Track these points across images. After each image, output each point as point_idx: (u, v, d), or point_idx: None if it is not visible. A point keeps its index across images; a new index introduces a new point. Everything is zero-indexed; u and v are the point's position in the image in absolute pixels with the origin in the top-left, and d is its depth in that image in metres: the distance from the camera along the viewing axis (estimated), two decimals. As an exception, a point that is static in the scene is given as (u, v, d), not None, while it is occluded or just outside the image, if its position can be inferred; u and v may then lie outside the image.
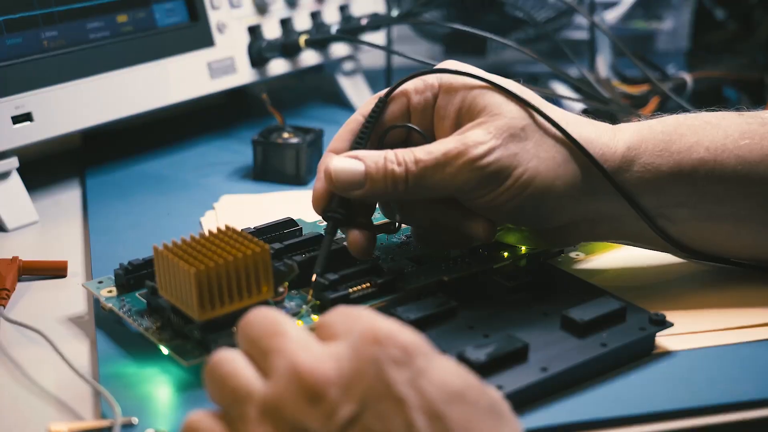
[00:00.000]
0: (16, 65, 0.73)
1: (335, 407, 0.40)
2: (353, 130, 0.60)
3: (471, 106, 0.57)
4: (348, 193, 0.58)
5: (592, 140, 0.58)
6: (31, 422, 0.50)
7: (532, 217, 0.59)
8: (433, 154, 0.56)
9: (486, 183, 0.56)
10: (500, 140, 0.56)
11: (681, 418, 0.51)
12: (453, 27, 0.89)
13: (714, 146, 0.59)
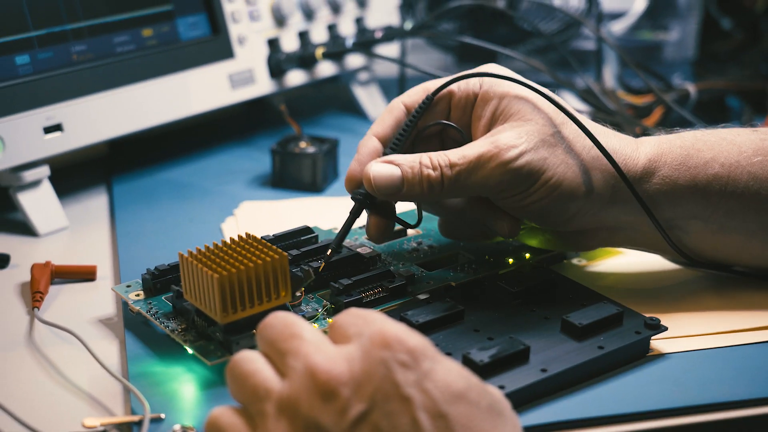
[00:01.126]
0: (47, 78, 0.76)
1: (347, 405, 0.43)
2: (396, 117, 0.63)
3: (506, 110, 0.61)
4: (386, 196, 0.61)
5: (616, 151, 0.62)
6: (66, 417, 0.54)
7: (556, 219, 0.62)
8: (468, 158, 0.59)
9: (516, 184, 0.59)
10: (531, 144, 0.59)
11: (672, 417, 0.55)
12: (463, 40, 0.92)
13: (729, 162, 0.62)
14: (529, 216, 0.62)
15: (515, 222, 0.63)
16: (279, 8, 0.92)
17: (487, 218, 0.63)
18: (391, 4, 1.02)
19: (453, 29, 1.05)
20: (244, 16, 0.90)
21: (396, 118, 0.63)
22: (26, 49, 0.76)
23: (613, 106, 0.91)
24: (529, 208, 0.61)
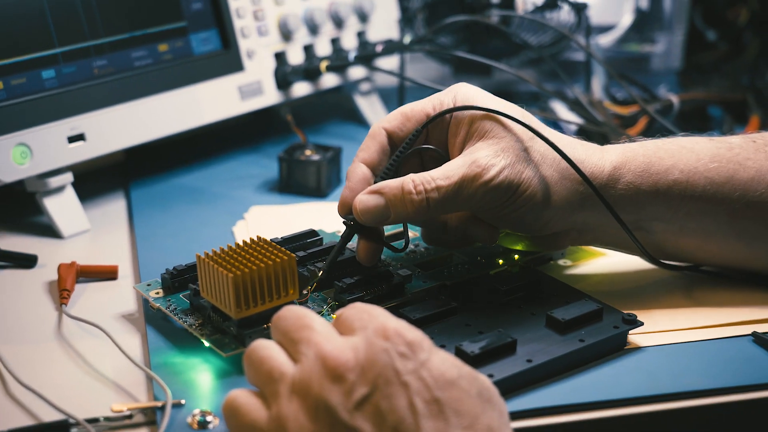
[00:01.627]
0: (71, 91, 0.82)
1: (352, 388, 0.49)
2: (379, 142, 0.67)
3: (479, 128, 0.65)
4: (375, 225, 0.66)
5: (583, 160, 0.67)
6: (94, 404, 0.59)
7: (531, 225, 0.67)
8: (452, 179, 0.64)
9: (496, 198, 0.64)
10: (508, 161, 0.64)
11: (646, 404, 0.60)
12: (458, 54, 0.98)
13: (687, 168, 0.67)
14: (507, 224, 0.67)
15: (494, 230, 0.68)
16: (285, 23, 0.97)
17: (468, 228, 0.68)
18: (391, 18, 1.07)
19: (450, 42, 1.10)
20: (253, 32, 0.95)
21: (379, 143, 0.68)
22: (52, 64, 0.81)
23: (601, 117, 0.97)
24: (507, 217, 0.66)
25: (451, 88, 0.68)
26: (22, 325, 0.68)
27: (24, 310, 0.71)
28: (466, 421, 0.49)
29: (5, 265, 0.77)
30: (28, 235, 0.82)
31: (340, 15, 1.01)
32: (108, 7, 0.84)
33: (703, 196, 0.67)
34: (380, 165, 0.68)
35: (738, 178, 0.67)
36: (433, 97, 0.68)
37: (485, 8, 1.07)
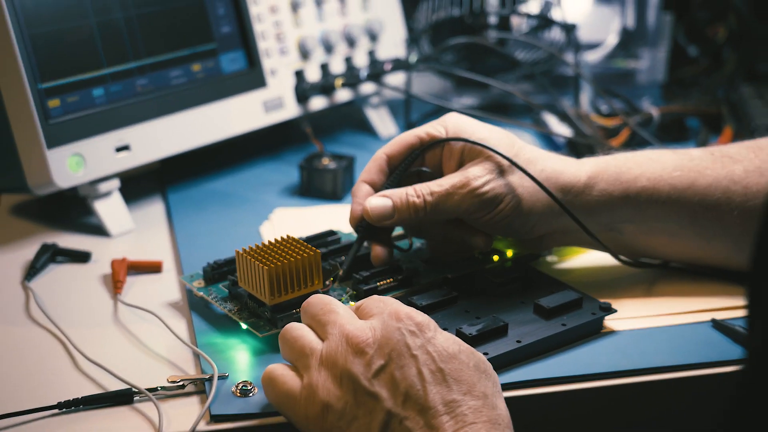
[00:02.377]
0: (118, 108, 0.92)
1: (371, 360, 0.59)
2: (380, 165, 0.79)
3: (471, 152, 0.76)
4: (382, 223, 0.76)
5: (562, 171, 0.77)
6: (152, 376, 0.69)
7: (518, 230, 0.78)
8: (444, 186, 0.75)
9: (484, 207, 0.75)
10: (494, 174, 0.75)
11: (618, 378, 0.70)
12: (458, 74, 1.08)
13: (653, 177, 0.78)
14: (498, 230, 0.77)
15: (489, 237, 0.78)
16: (304, 44, 1.07)
17: (464, 236, 0.78)
18: (399, 38, 1.18)
19: (452, 59, 1.21)
20: (275, 52, 1.06)
21: (380, 166, 0.79)
22: (101, 83, 0.91)
23: (587, 129, 1.07)
24: (497, 224, 0.76)
25: (443, 118, 0.79)
26: (83, 312, 0.79)
27: (83, 299, 0.81)
28: (465, 387, 0.60)
29: (63, 260, 0.87)
30: (80, 234, 0.92)
31: (353, 36, 1.12)
32: (149, 32, 0.95)
33: (668, 200, 0.77)
34: (380, 184, 0.78)
35: (698, 184, 0.77)
36: (428, 126, 0.78)
37: (484, 28, 1.18)
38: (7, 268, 0.86)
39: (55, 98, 0.88)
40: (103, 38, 0.91)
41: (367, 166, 0.79)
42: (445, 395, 0.59)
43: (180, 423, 0.64)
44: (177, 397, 0.67)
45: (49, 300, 0.80)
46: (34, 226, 0.94)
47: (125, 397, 0.66)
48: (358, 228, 0.78)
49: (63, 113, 0.88)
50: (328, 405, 0.60)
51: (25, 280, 0.83)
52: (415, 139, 0.78)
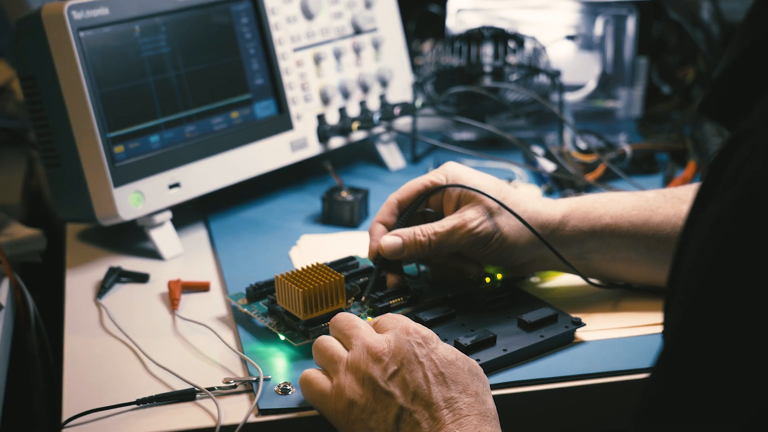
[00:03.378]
0: (171, 151, 1.07)
1: (387, 366, 0.74)
2: (391, 209, 0.93)
3: (466, 196, 0.91)
4: (394, 257, 0.91)
5: (540, 211, 0.92)
6: (208, 378, 0.84)
7: (505, 260, 0.92)
8: (446, 227, 0.89)
9: (478, 243, 0.90)
10: (486, 216, 0.89)
11: (586, 379, 0.84)
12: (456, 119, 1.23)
13: (615, 215, 0.92)
14: (488, 260, 0.92)
15: (480, 266, 0.93)
16: (325, 92, 1.22)
17: (461, 264, 0.93)
18: (406, 83, 1.32)
19: (453, 102, 1.35)
20: (300, 100, 1.20)
21: (391, 209, 0.93)
22: (156, 131, 1.06)
23: (568, 165, 1.22)
24: (489, 256, 0.91)
25: (443, 167, 0.93)
26: (147, 324, 0.94)
27: (146, 314, 0.96)
28: (461, 387, 0.74)
29: (127, 281, 1.02)
30: (138, 258, 1.07)
31: (367, 83, 1.27)
32: (196, 87, 1.10)
33: (627, 234, 0.92)
34: (392, 224, 0.93)
35: (652, 221, 0.91)
36: (431, 174, 0.93)
37: (480, 75, 1.32)
38: (81, 288, 1.00)
39: (120, 145, 1.03)
40: (158, 93, 1.06)
41: (381, 209, 0.94)
42: (445, 393, 0.73)
43: (234, 416, 0.79)
44: (230, 395, 0.82)
45: (118, 314, 0.95)
46: (98, 250, 1.09)
47: (189, 394, 0.81)
48: (375, 260, 0.92)
49: (126, 157, 1.03)
50: (353, 401, 0.74)
51: (97, 298, 0.98)
52: (421, 186, 0.93)
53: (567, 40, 1.44)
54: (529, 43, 1.34)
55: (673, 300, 0.53)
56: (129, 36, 1.04)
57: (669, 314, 0.55)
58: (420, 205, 0.93)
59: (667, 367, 0.50)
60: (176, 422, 0.78)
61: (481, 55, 1.33)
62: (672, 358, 0.50)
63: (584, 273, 0.94)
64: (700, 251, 0.47)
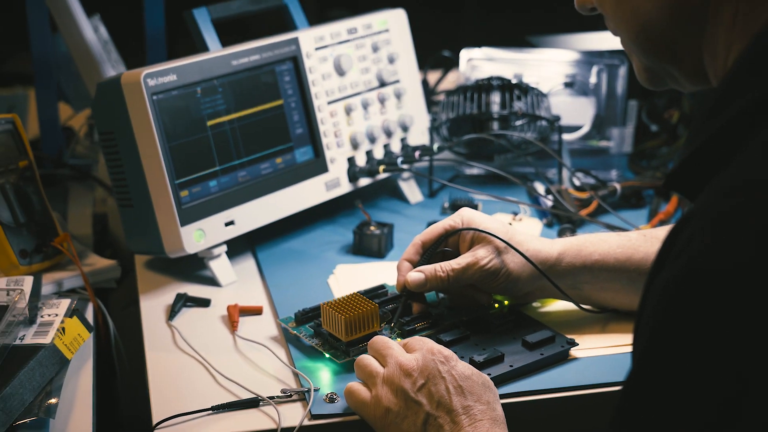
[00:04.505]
0: (226, 194, 1.24)
1: (416, 380, 0.91)
2: (416, 248, 1.10)
3: (478, 237, 1.07)
4: (418, 290, 1.08)
5: (540, 250, 1.08)
6: (268, 389, 1.00)
7: (510, 291, 1.09)
8: (461, 265, 1.06)
9: (488, 277, 1.06)
10: (494, 254, 1.06)
11: (578, 390, 1.01)
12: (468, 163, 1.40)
13: (603, 252, 1.09)
14: (497, 291, 1.08)
15: (490, 295, 1.09)
16: (354, 138, 1.39)
17: (474, 294, 1.09)
18: (424, 127, 1.49)
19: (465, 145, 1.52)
20: (334, 145, 1.37)
21: (416, 249, 1.10)
22: (214, 177, 1.23)
23: (565, 202, 1.38)
24: (497, 287, 1.07)
25: (459, 212, 1.10)
26: (213, 343, 1.10)
27: (211, 334, 1.12)
28: (475, 397, 0.91)
29: (192, 305, 1.19)
30: (198, 284, 1.24)
31: (390, 129, 1.43)
32: (247, 138, 1.27)
33: (613, 269, 1.08)
34: (416, 262, 1.09)
35: (634, 258, 1.08)
36: (449, 219, 1.10)
37: (489, 121, 1.49)
38: (154, 311, 1.17)
39: (185, 189, 1.20)
40: (216, 145, 1.23)
41: (407, 249, 1.11)
42: (463, 402, 0.90)
43: (291, 420, 0.96)
44: (287, 402, 0.99)
45: (187, 334, 1.12)
46: (165, 278, 1.26)
47: (254, 402, 0.98)
48: (402, 292, 1.09)
49: (190, 200, 1.20)
50: (389, 409, 0.91)
51: (169, 320, 1.15)
52: (442, 229, 1.10)
53: (565, 87, 1.61)
54: (531, 92, 1.50)
55: (638, 330, 0.68)
56: (192, 97, 1.21)
57: (636, 341, 0.70)
58: (440, 246, 1.10)
59: (632, 386, 0.66)
60: (245, 425, 0.95)
61: (490, 103, 1.49)
62: (636, 379, 0.66)
63: (577, 300, 1.11)
64: (654, 305, 0.63)
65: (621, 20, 0.77)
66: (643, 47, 0.77)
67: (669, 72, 0.78)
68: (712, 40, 0.72)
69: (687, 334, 0.60)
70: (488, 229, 1.07)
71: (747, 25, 0.70)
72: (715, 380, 0.58)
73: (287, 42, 1.32)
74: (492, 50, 1.64)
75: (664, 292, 0.62)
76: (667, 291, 0.62)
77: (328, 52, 1.37)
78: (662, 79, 0.80)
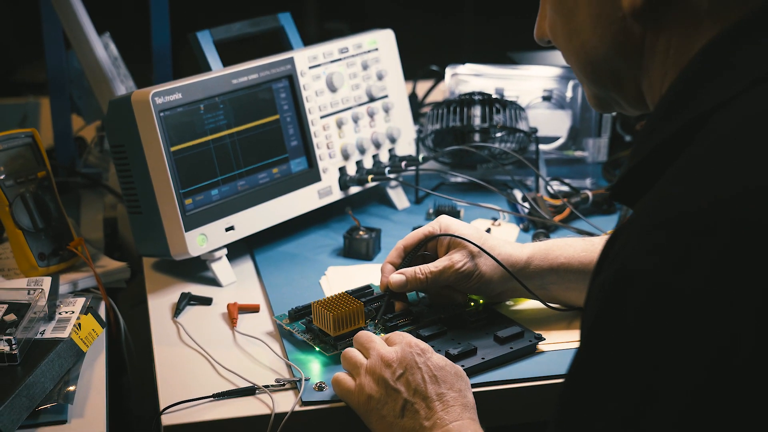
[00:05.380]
0: (227, 202, 1.34)
1: (395, 370, 1.01)
2: (399, 252, 1.20)
3: (454, 241, 1.18)
4: (400, 290, 1.18)
5: (511, 254, 1.18)
6: (263, 378, 1.10)
7: (483, 291, 1.19)
8: (438, 268, 1.16)
9: (463, 279, 1.16)
10: (468, 258, 1.16)
11: (544, 380, 1.11)
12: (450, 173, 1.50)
13: (568, 256, 1.19)
14: (471, 291, 1.18)
15: (465, 294, 1.19)
16: (345, 149, 1.49)
17: (451, 294, 1.20)
18: (411, 139, 1.59)
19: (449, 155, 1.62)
20: (326, 156, 1.47)
21: (398, 252, 1.20)
22: (216, 186, 1.33)
23: (540, 209, 1.48)
24: (471, 288, 1.17)
25: (438, 219, 1.20)
26: (215, 338, 1.20)
27: (213, 329, 1.23)
28: (449, 385, 1.01)
29: (195, 303, 1.29)
30: (201, 284, 1.34)
31: (379, 140, 1.54)
32: (246, 150, 1.37)
33: (578, 270, 1.18)
34: (399, 264, 1.19)
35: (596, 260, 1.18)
36: (428, 226, 1.20)
37: (471, 133, 1.59)
38: (160, 309, 1.28)
39: (189, 198, 1.30)
40: (217, 157, 1.33)
41: (391, 252, 1.21)
42: (437, 390, 1.00)
43: (284, 406, 1.06)
44: (280, 390, 1.09)
45: (191, 330, 1.22)
46: (170, 278, 1.36)
47: (251, 390, 1.08)
48: (385, 292, 1.19)
49: (194, 208, 1.30)
50: (371, 396, 1.01)
51: (174, 317, 1.25)
52: (422, 235, 1.20)
53: (543, 100, 1.71)
54: (510, 106, 1.60)
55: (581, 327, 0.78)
56: (196, 113, 1.31)
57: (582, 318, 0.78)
58: (420, 250, 1.20)
59: (570, 376, 0.74)
60: (243, 411, 1.05)
61: (471, 117, 1.59)
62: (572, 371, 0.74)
63: (545, 299, 1.21)
64: (591, 305, 0.73)
65: (571, 53, 0.87)
66: (590, 77, 0.87)
67: (614, 98, 0.88)
68: (649, 69, 0.82)
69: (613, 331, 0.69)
70: (463, 235, 1.18)
71: (678, 58, 0.79)
72: (634, 375, 0.66)
73: (283, 62, 1.42)
74: (475, 66, 1.74)
75: (599, 293, 0.72)
76: (601, 292, 0.71)
77: (321, 70, 1.47)
78: (609, 105, 0.90)
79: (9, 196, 1.27)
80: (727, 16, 0.76)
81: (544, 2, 0.89)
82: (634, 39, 0.81)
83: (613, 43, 0.82)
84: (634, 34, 0.81)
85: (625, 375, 0.67)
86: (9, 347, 1.04)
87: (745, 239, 0.64)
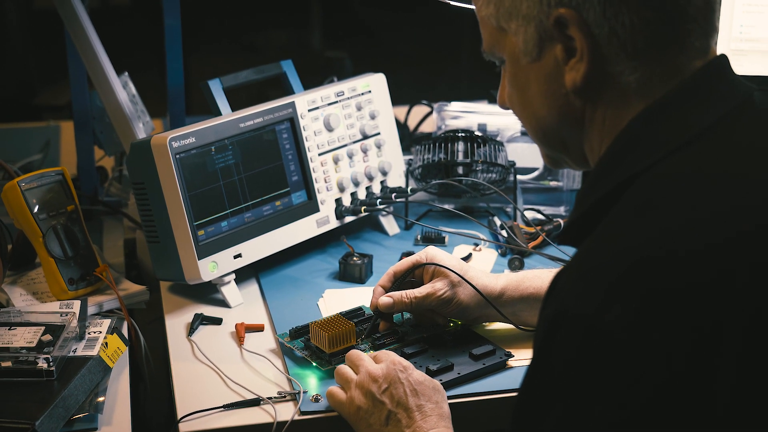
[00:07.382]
0: (235, 232, 1.48)
1: (381, 384, 1.15)
2: (390, 277, 1.34)
3: (438, 270, 1.32)
4: (387, 311, 1.32)
5: (487, 284, 1.33)
6: (267, 391, 1.25)
7: (462, 316, 1.33)
8: (422, 293, 1.30)
9: (444, 305, 1.30)
10: (449, 287, 1.30)
11: (511, 393, 1.25)
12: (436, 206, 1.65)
13: (537, 287, 1.33)
14: (451, 315, 1.32)
15: (446, 317, 1.34)
16: (341, 182, 1.63)
17: (433, 316, 1.34)
18: (401, 171, 1.73)
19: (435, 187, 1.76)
20: (324, 189, 1.62)
21: (389, 277, 1.34)
22: (225, 219, 1.48)
23: (516, 236, 1.63)
24: (451, 312, 1.31)
25: (425, 249, 1.35)
26: (225, 355, 1.35)
27: (223, 347, 1.37)
28: (427, 398, 1.15)
29: (207, 323, 1.43)
30: (211, 306, 1.48)
31: (372, 174, 1.68)
32: (252, 185, 1.51)
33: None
34: (388, 288, 1.34)
35: (562, 290, 1.32)
36: (416, 255, 1.34)
37: (455, 167, 1.74)
38: (177, 328, 1.42)
39: (202, 229, 1.45)
40: (226, 192, 1.48)
41: (382, 277, 1.35)
42: (417, 402, 1.14)
43: (285, 415, 1.20)
44: (281, 401, 1.23)
45: (204, 347, 1.36)
46: (184, 300, 1.50)
47: (256, 401, 1.22)
48: (374, 312, 1.34)
49: (206, 238, 1.45)
50: (360, 407, 1.15)
51: (189, 335, 1.39)
52: (410, 263, 1.34)
53: (522, 134, 1.85)
54: (490, 142, 1.75)
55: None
56: (207, 154, 1.46)
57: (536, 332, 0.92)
58: (408, 276, 1.35)
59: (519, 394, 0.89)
60: (249, 419, 1.20)
61: (455, 152, 1.74)
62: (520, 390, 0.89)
63: (516, 323, 1.35)
64: (538, 335, 0.87)
65: (525, 121, 1.01)
66: (542, 141, 1.01)
67: (563, 158, 1.03)
68: (589, 136, 0.97)
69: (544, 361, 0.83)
70: (446, 265, 1.32)
71: (612, 128, 0.94)
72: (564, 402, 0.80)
73: (285, 106, 1.56)
74: (461, 104, 1.89)
75: (539, 327, 0.86)
76: (541, 326, 0.86)
77: (319, 112, 1.62)
78: (559, 162, 1.04)
79: (42, 228, 1.41)
80: (651, 94, 0.91)
81: (504, 76, 1.04)
82: (576, 111, 0.95)
83: (559, 114, 0.96)
84: (576, 107, 0.95)
85: (557, 401, 0.81)
86: (47, 364, 1.19)
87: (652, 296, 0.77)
